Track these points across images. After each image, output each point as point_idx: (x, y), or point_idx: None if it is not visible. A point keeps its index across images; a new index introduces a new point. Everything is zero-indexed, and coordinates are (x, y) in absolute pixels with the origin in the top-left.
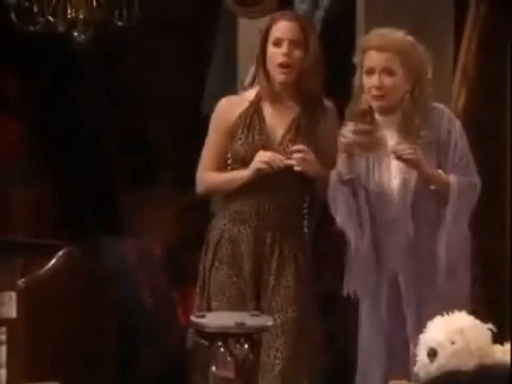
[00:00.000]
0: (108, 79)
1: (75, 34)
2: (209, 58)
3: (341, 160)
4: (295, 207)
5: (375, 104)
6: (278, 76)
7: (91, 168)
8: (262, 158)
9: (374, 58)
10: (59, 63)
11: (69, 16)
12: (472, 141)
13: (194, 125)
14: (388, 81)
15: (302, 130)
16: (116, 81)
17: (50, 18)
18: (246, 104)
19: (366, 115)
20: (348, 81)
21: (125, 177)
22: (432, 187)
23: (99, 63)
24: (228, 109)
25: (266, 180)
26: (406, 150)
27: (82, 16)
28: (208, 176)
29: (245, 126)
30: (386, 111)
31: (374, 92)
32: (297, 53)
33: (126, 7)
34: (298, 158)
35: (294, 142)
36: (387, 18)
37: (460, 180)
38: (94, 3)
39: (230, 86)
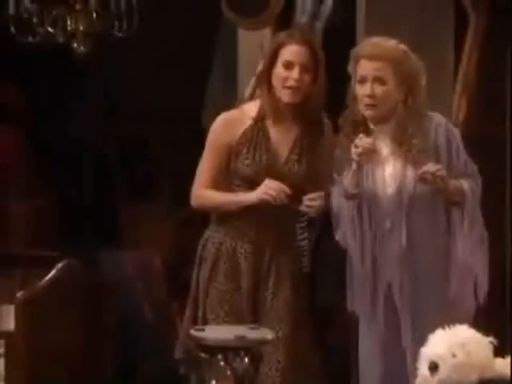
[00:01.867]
0: (108, 90)
1: (75, 45)
2: (209, 69)
3: (347, 174)
4: (294, 221)
5: (368, 113)
6: (285, 97)
7: (91, 180)
8: (269, 189)
9: (365, 67)
10: (59, 74)
11: (68, 27)
12: (473, 152)
13: (194, 137)
14: (380, 90)
15: (305, 149)
16: (116, 92)
17: (50, 30)
18: (248, 121)
19: (360, 124)
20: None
21: (125, 189)
22: (456, 198)
23: (99, 74)
24: (228, 126)
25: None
26: (436, 170)
27: (81, 27)
28: (207, 193)
29: (250, 146)
30: (379, 120)
31: (366, 101)
32: (306, 76)
33: (126, 18)
34: (311, 207)
35: (299, 162)
36: (387, 28)
37: (470, 184)
38: (94, 15)
39: (230, 97)
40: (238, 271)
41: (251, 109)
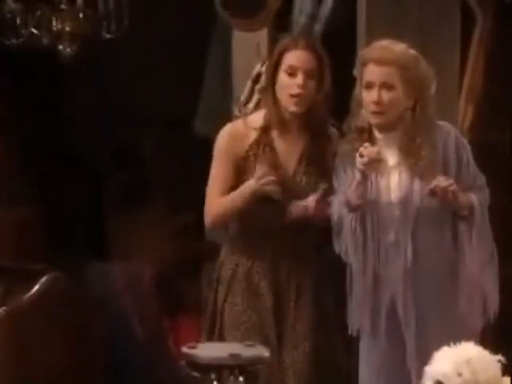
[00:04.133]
0: (97, 95)
1: (61, 47)
2: (203, 72)
3: (350, 184)
4: (310, 236)
5: (374, 120)
6: (291, 106)
7: (78, 188)
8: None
9: (373, 72)
10: (47, 78)
11: (54, 28)
12: (480, 161)
13: (188, 142)
14: (387, 96)
15: (312, 161)
16: (106, 97)
17: (34, 31)
18: (254, 134)
19: (364, 132)
20: (348, 96)
21: (114, 198)
22: (464, 212)
23: (89, 78)
24: (234, 140)
25: (277, 210)
26: (448, 185)
27: (68, 28)
28: (219, 201)
29: (257, 161)
30: (385, 128)
31: (373, 108)
32: (311, 83)
33: (115, 19)
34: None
35: (307, 174)
36: (389, 31)
37: (480, 198)
38: (81, 15)
39: (226, 102)
40: (256, 291)
41: (255, 120)
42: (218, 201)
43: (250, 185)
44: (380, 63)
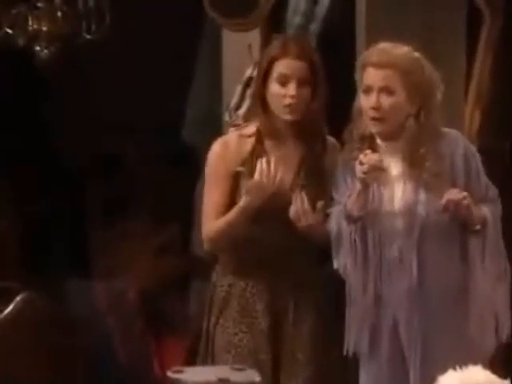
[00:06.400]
0: (79, 101)
1: (37, 48)
2: (191, 76)
3: (350, 194)
4: (301, 248)
5: (373, 128)
6: (284, 115)
7: (57, 200)
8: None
9: (371, 76)
10: (24, 81)
11: (30, 28)
12: (488, 168)
13: (173, 153)
14: (387, 101)
15: (310, 172)
16: (88, 103)
17: (9, 31)
18: (246, 147)
19: (366, 140)
20: (347, 102)
21: (95, 211)
22: (476, 227)
23: (69, 82)
24: (226, 152)
25: (269, 225)
26: (461, 198)
27: (45, 28)
28: (219, 223)
29: (252, 176)
30: (387, 136)
31: (372, 114)
32: (304, 91)
33: (95, 18)
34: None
35: (304, 186)
36: (391, 31)
37: (492, 210)
38: (59, 14)
39: (215, 107)
40: (250, 313)
41: (248, 133)
42: (215, 223)
43: (243, 201)
44: (379, 66)
